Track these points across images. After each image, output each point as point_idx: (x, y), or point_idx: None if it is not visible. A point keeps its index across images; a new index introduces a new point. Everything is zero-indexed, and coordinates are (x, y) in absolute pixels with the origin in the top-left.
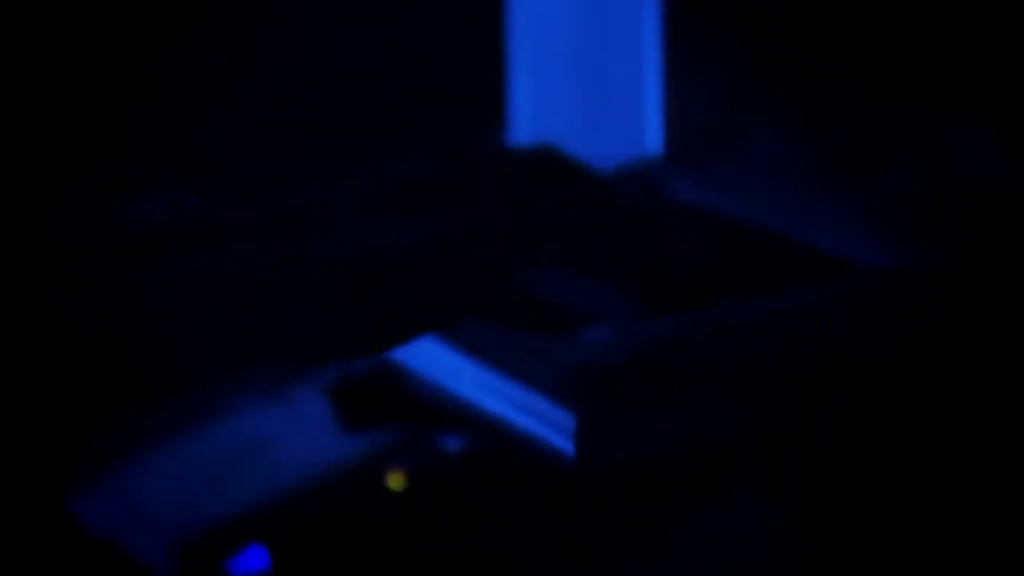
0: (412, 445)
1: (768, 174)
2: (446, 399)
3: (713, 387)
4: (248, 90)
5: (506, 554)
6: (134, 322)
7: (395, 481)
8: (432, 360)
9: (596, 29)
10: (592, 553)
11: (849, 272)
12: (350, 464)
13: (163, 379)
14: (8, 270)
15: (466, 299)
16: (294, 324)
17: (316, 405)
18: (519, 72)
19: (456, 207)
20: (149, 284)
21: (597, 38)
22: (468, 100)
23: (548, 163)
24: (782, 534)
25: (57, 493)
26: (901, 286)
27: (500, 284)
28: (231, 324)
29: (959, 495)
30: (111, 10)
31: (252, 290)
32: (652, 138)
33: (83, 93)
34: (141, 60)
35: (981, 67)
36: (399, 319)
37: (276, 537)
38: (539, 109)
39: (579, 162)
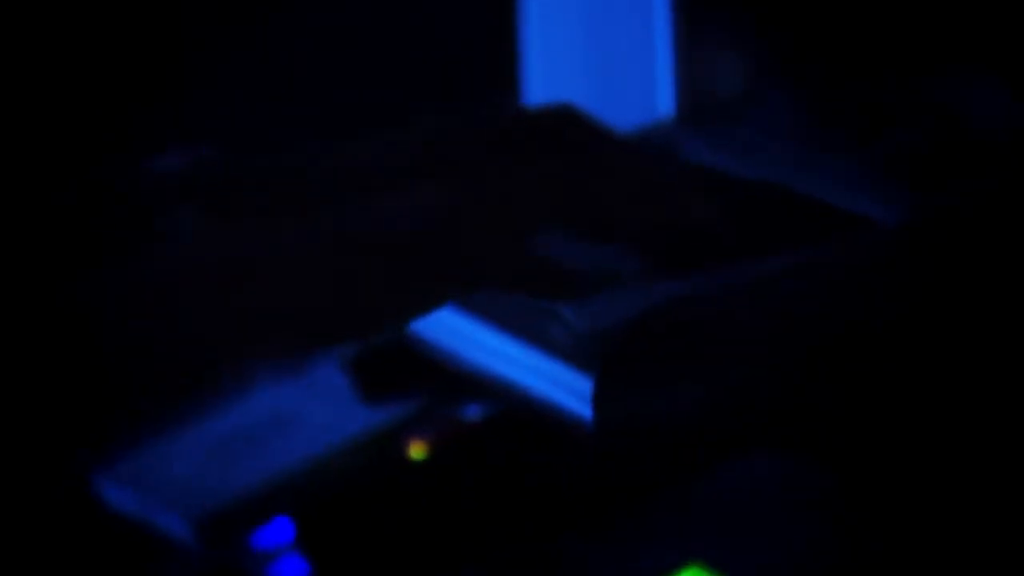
0: (432, 415)
1: (781, 134)
2: (464, 368)
3: (730, 346)
4: (256, 53)
5: (528, 519)
6: (146, 303)
7: (417, 450)
8: (449, 329)
9: None
10: (613, 516)
11: (864, 227)
12: (372, 435)
13: (178, 366)
14: (24, 252)
15: (482, 266)
16: (308, 303)
17: (336, 378)
18: (530, 34)
19: (471, 170)
20: (161, 263)
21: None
22: (479, 62)
23: (568, 121)
24: (801, 490)
25: (79, 473)
26: (914, 238)
27: (516, 249)
28: (245, 304)
29: (974, 449)
30: None
31: (264, 267)
32: (664, 100)
33: (94, 63)
34: (151, 27)
35: (986, 19)
36: (416, 290)
37: (300, 509)
38: (550, 71)
39: (599, 121)
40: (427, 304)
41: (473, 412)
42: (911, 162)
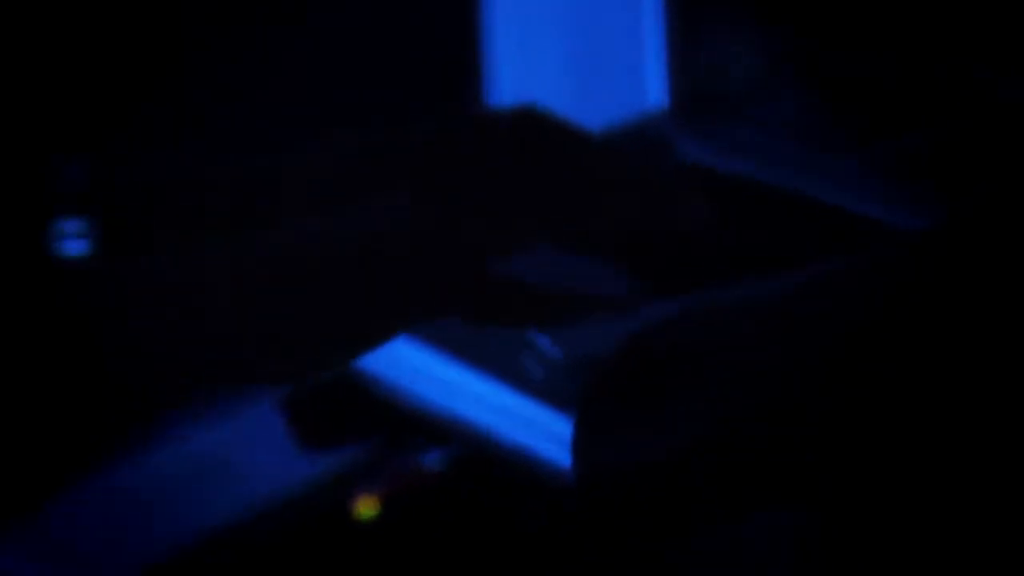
0: (383, 465)
1: (784, 131)
2: (421, 409)
3: (734, 378)
4: (217, 55)
5: None
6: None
7: (365, 508)
8: (404, 363)
9: None
10: None
11: (882, 236)
12: (311, 489)
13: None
14: None
15: (443, 289)
16: (233, 332)
17: (270, 421)
18: (498, 20)
19: (426, 183)
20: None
21: None
22: (435, 54)
23: (532, 125)
24: (811, 550)
25: None
26: (941, 249)
27: (482, 270)
28: (154, 333)
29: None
30: None
31: (175, 291)
32: (654, 92)
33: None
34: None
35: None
36: (366, 317)
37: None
38: (523, 62)
39: (570, 122)
40: (378, 334)
41: (432, 461)
42: (929, 162)
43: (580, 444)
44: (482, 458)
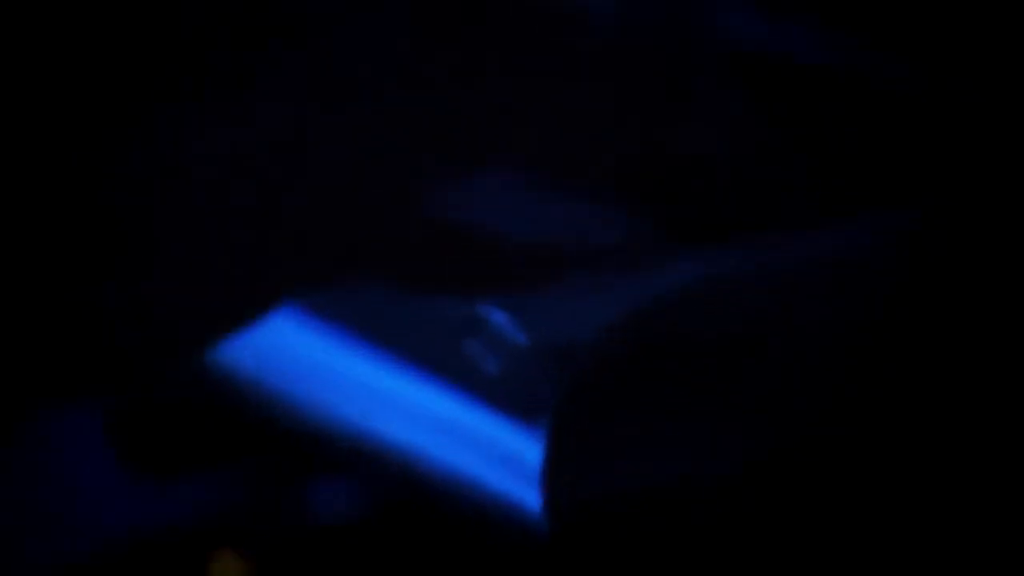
0: (255, 507)
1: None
2: (315, 424)
3: (756, 380)
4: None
5: None
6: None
7: (224, 568)
8: (289, 356)
9: None
10: None
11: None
12: (148, 539)
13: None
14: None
15: (357, 235)
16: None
17: (89, 444)
18: None
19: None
20: None
21: None
22: None
23: None
24: None
25: None
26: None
27: (409, 205)
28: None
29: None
30: None
31: None
32: None
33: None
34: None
35: None
36: (241, 275)
37: None
38: None
39: None
40: (258, 299)
41: (330, 501)
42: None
43: (553, 470)
44: (407, 496)
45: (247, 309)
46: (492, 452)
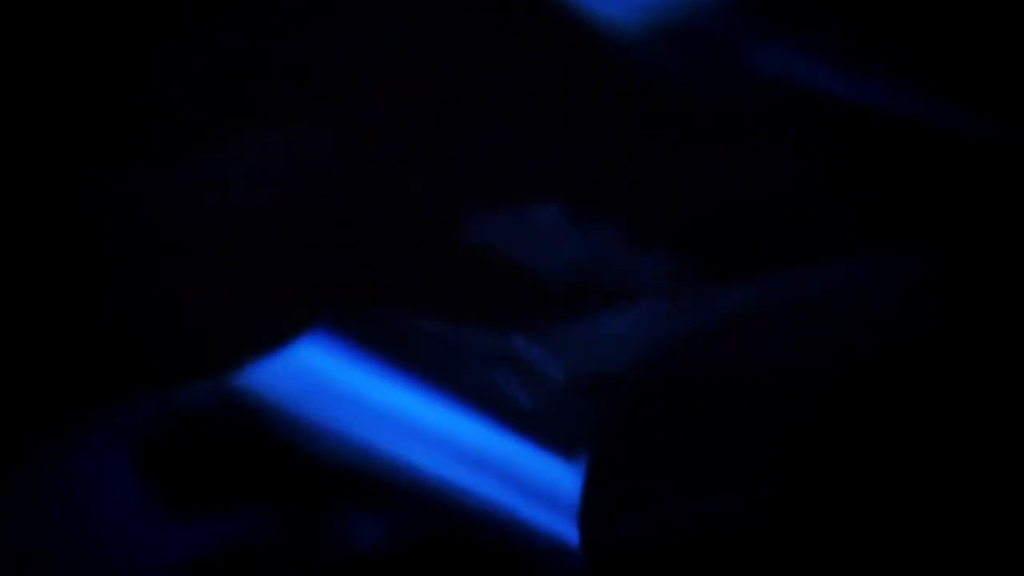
0: (285, 539)
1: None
2: (347, 457)
3: (810, 417)
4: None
5: None
6: None
7: None
8: (320, 387)
9: None
10: None
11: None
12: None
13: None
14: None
15: (393, 262)
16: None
17: (116, 471)
18: None
19: (356, 97)
20: None
21: None
22: None
23: (522, 16)
24: None
25: None
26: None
27: (452, 236)
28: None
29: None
30: None
31: None
32: None
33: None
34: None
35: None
36: (274, 299)
37: None
38: None
39: (574, 17)
40: (288, 329)
41: (365, 535)
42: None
43: (591, 506)
44: (443, 530)
45: (279, 334)
46: (529, 486)
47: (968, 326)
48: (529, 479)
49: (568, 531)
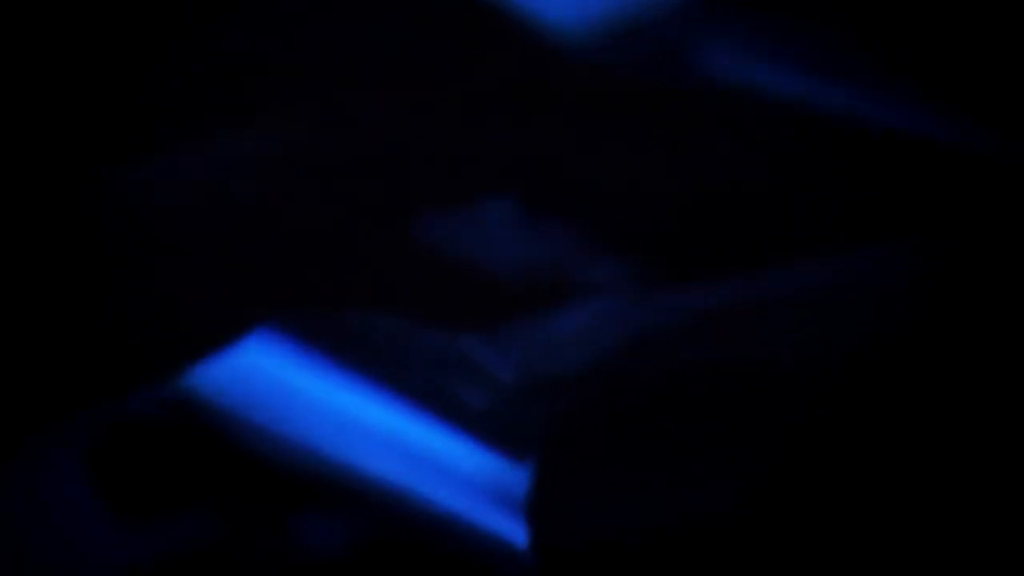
0: (236, 542)
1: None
2: (299, 460)
3: (758, 418)
4: None
5: None
6: None
7: None
8: (271, 388)
9: None
10: None
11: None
12: None
13: None
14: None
15: (343, 261)
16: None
17: (67, 478)
18: None
19: (329, 95)
20: None
21: None
22: None
23: (486, 22)
24: None
25: None
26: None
27: (399, 238)
28: None
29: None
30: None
31: None
32: None
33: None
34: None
35: None
36: (221, 299)
37: None
38: None
39: (523, 22)
40: (235, 329)
41: (316, 539)
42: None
43: (540, 504)
44: (393, 532)
45: (226, 334)
46: (478, 486)
47: (940, 318)
48: (478, 480)
49: (516, 530)
